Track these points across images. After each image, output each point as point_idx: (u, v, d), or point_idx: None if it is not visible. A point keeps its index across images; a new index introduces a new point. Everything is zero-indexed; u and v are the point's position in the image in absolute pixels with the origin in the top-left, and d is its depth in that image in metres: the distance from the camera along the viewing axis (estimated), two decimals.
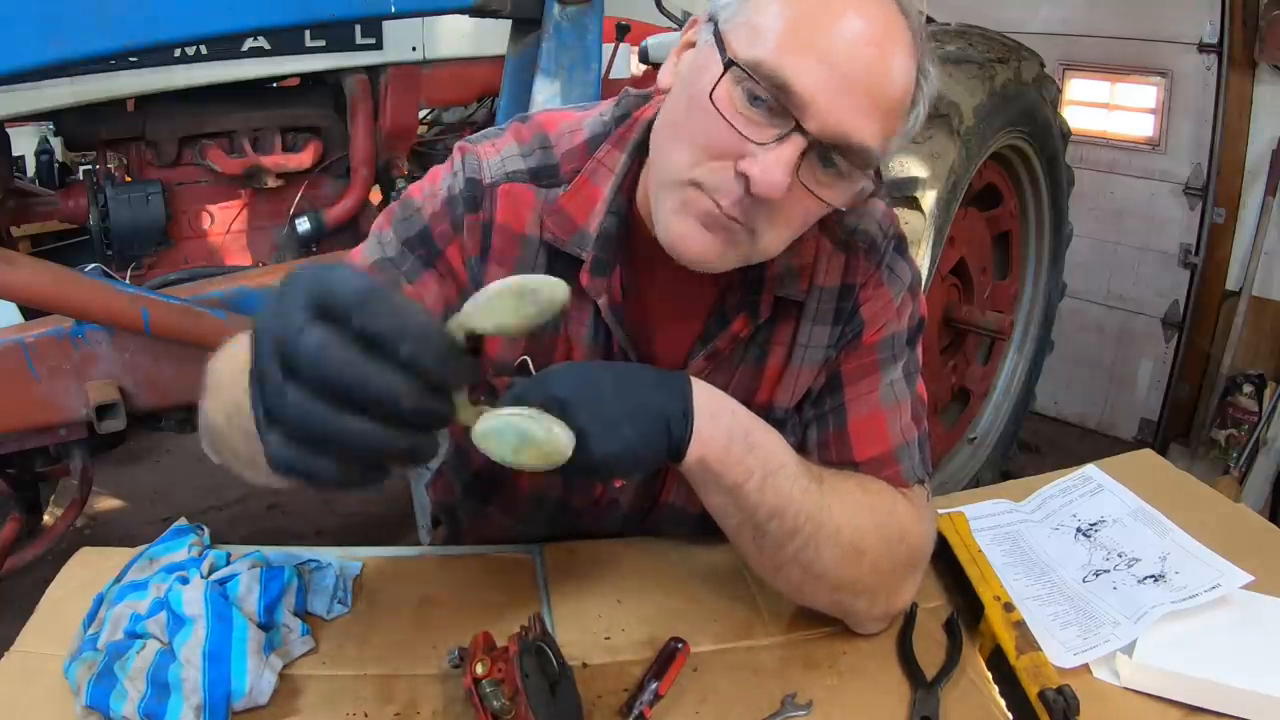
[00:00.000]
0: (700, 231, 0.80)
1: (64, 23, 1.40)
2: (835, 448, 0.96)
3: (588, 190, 0.91)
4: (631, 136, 0.92)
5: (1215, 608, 0.98)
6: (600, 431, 0.74)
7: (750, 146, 0.76)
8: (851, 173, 0.79)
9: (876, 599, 0.92)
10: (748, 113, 0.76)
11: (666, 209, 0.82)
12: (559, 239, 0.91)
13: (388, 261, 0.92)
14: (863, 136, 0.76)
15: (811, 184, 0.78)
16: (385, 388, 0.53)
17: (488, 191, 0.91)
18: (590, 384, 0.76)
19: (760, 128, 0.76)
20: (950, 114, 2.07)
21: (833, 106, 0.74)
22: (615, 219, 0.90)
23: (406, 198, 0.95)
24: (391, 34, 2.11)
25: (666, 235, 0.82)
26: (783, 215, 0.80)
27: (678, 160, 0.80)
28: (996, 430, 2.81)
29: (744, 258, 0.83)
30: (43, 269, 1.58)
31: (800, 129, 0.75)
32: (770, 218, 0.79)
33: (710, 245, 0.80)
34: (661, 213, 0.82)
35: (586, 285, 0.90)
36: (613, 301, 0.91)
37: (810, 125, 0.75)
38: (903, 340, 0.98)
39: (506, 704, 0.74)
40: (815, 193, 0.78)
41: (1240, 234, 3.13)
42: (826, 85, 0.74)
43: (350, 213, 2.15)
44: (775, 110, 0.75)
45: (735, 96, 0.76)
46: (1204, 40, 3.03)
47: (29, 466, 1.82)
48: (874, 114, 0.76)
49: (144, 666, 0.81)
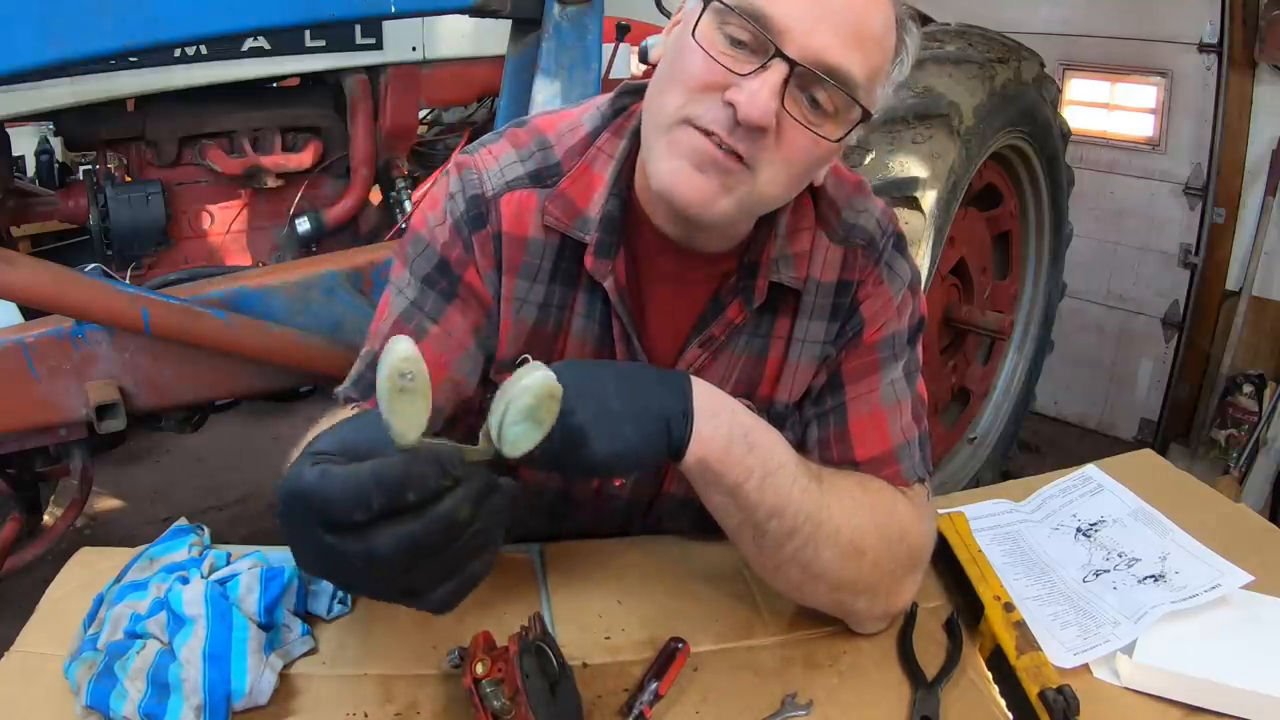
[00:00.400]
0: (692, 172, 0.80)
1: (64, 23, 1.40)
2: (836, 447, 0.96)
3: (589, 176, 0.92)
4: (629, 125, 0.93)
5: (1215, 608, 0.98)
6: (601, 430, 0.74)
7: (735, 78, 0.77)
8: (838, 111, 0.80)
9: (876, 598, 0.92)
10: (731, 52, 0.78)
11: (658, 153, 0.82)
12: (561, 223, 0.91)
13: (412, 309, 0.92)
14: (844, 62, 0.77)
15: (800, 116, 0.79)
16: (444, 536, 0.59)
17: (491, 204, 0.92)
18: (592, 382, 0.77)
19: (743, 61, 0.77)
20: (950, 114, 2.07)
21: (811, 31, 0.76)
22: (617, 201, 0.91)
23: (414, 232, 0.95)
24: (391, 34, 2.11)
25: (659, 181, 0.82)
26: (779, 151, 0.80)
27: (667, 101, 0.81)
28: (996, 430, 2.81)
29: (743, 201, 0.82)
30: (43, 269, 1.58)
31: (781, 55, 0.76)
32: (766, 151, 0.79)
33: (704, 186, 0.80)
34: (654, 160, 0.83)
35: (591, 268, 0.91)
36: (618, 283, 0.91)
37: (790, 50, 0.76)
38: (903, 339, 0.98)
39: (506, 704, 0.74)
40: (805, 125, 0.79)
41: (1240, 234, 3.13)
42: (803, 11, 0.76)
43: (350, 213, 2.15)
44: (756, 46, 0.77)
45: (717, 40, 0.78)
46: (1204, 40, 3.03)
47: (29, 466, 1.82)
48: (852, 42, 0.78)
49: (144, 666, 0.81)
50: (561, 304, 0.95)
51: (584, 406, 0.74)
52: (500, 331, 0.94)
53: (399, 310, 0.93)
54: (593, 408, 0.75)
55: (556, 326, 0.95)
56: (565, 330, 0.95)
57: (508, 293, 0.93)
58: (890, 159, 2.04)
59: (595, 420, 0.74)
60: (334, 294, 1.86)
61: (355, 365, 0.95)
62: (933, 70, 2.13)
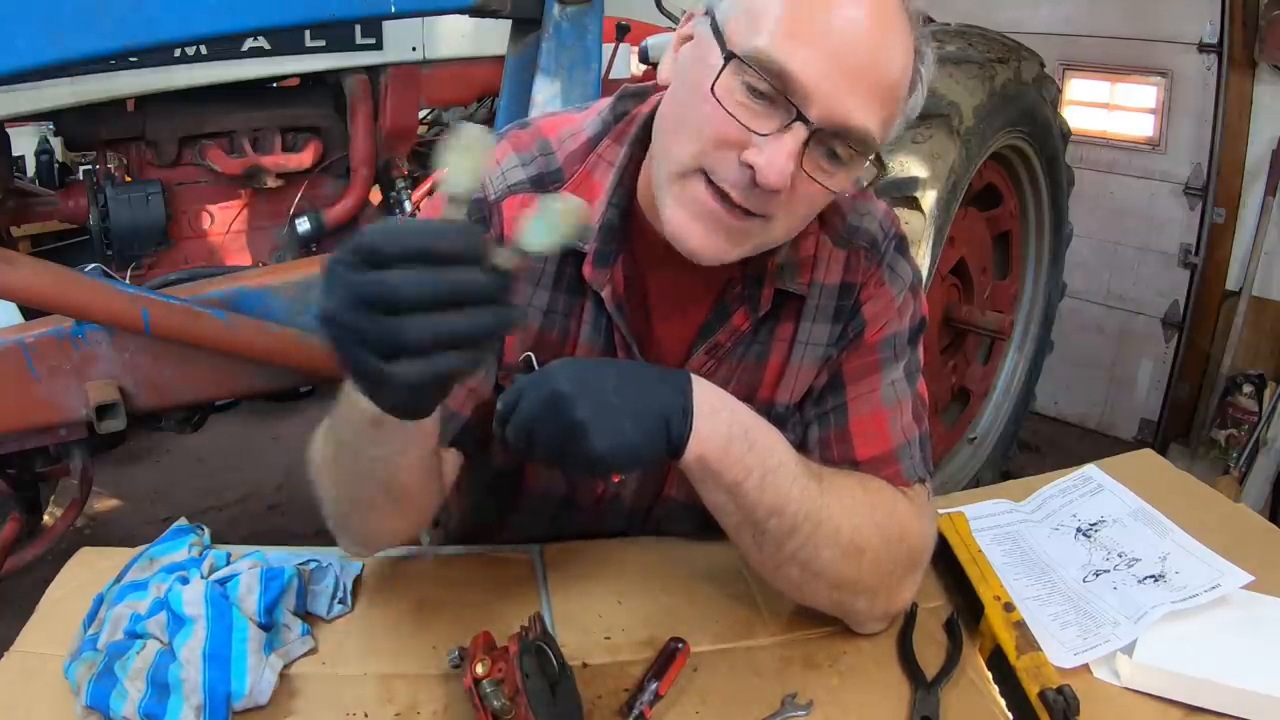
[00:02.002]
0: (703, 230, 0.81)
1: (64, 23, 1.40)
2: (836, 447, 0.96)
3: (589, 184, 0.92)
4: (631, 130, 0.92)
5: (1215, 608, 0.98)
6: (601, 425, 0.75)
7: (754, 137, 0.76)
8: (853, 159, 0.80)
9: (876, 598, 0.92)
10: (750, 104, 0.77)
11: (670, 201, 0.82)
12: None
13: None
14: (863, 122, 0.77)
15: (815, 171, 0.79)
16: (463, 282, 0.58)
17: (494, 208, 0.92)
18: (592, 379, 0.77)
19: (763, 118, 0.76)
20: (950, 114, 2.07)
21: (834, 95, 0.75)
22: (617, 211, 0.91)
23: None
24: (391, 34, 2.11)
25: (670, 228, 0.82)
26: (791, 203, 0.81)
27: (681, 151, 0.80)
28: (996, 430, 2.81)
29: (754, 248, 0.84)
30: (43, 269, 1.58)
31: (802, 118, 0.75)
32: (778, 205, 0.80)
33: (716, 241, 0.81)
34: (665, 206, 0.83)
35: (590, 278, 0.91)
36: (615, 293, 0.91)
37: (812, 114, 0.75)
38: (904, 340, 0.98)
39: (507, 704, 0.75)
40: (819, 180, 0.79)
41: (1240, 234, 3.13)
42: (827, 74, 0.75)
43: (350, 213, 2.15)
44: (776, 100, 0.76)
45: (736, 89, 0.77)
46: (1204, 40, 3.03)
47: (29, 466, 1.82)
48: (873, 99, 0.77)
49: (144, 666, 0.81)
50: (567, 312, 0.94)
51: (584, 402, 0.75)
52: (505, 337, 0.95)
53: None
54: (592, 403, 0.75)
55: (563, 334, 0.95)
56: (573, 339, 0.95)
57: None
58: (890, 159, 2.04)
59: (594, 415, 0.75)
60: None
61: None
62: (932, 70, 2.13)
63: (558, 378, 0.77)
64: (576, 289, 0.94)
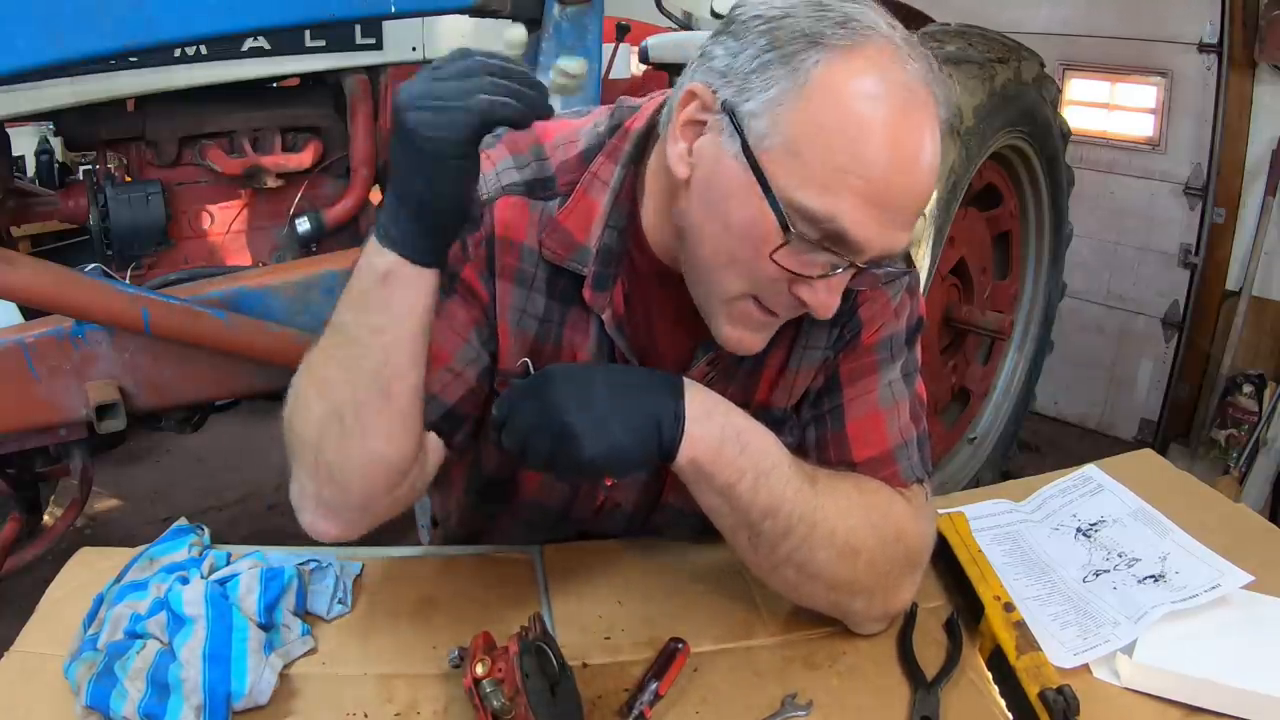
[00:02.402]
0: (754, 335, 0.85)
1: (64, 23, 1.40)
2: (833, 448, 0.96)
3: (585, 205, 0.91)
4: (624, 147, 0.91)
5: (1215, 608, 0.98)
6: (591, 430, 0.76)
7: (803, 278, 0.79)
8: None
9: (874, 599, 0.92)
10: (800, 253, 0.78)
11: (719, 319, 0.85)
12: (558, 256, 0.91)
13: None
14: (902, 246, 0.80)
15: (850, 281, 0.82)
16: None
17: (485, 208, 0.92)
18: (583, 384, 0.78)
19: (814, 264, 0.78)
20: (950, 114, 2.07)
21: (883, 239, 0.77)
22: (614, 233, 0.90)
23: None
24: (391, 34, 2.11)
25: (724, 339, 0.86)
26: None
27: (730, 285, 0.82)
28: (996, 430, 2.81)
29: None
30: (43, 269, 1.58)
31: (853, 264, 0.78)
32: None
33: (761, 341, 0.86)
34: (717, 321, 0.85)
35: (590, 301, 0.91)
36: (615, 315, 0.91)
37: (862, 260, 0.78)
38: (901, 340, 0.98)
39: (506, 704, 0.75)
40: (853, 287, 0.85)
41: (1240, 234, 3.12)
42: (880, 227, 0.76)
43: (350, 213, 2.14)
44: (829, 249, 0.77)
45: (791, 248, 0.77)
46: (1204, 40, 3.02)
47: (29, 466, 1.81)
48: (913, 223, 0.79)
49: (144, 666, 0.81)
50: (562, 321, 0.94)
51: (574, 407, 0.75)
52: (500, 340, 0.94)
53: None
54: (583, 408, 0.76)
55: (557, 343, 0.95)
56: (570, 350, 0.95)
57: (505, 299, 0.93)
58: None
59: (585, 420, 0.76)
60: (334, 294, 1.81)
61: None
62: None
63: (549, 384, 0.78)
64: (569, 299, 0.93)
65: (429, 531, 1.50)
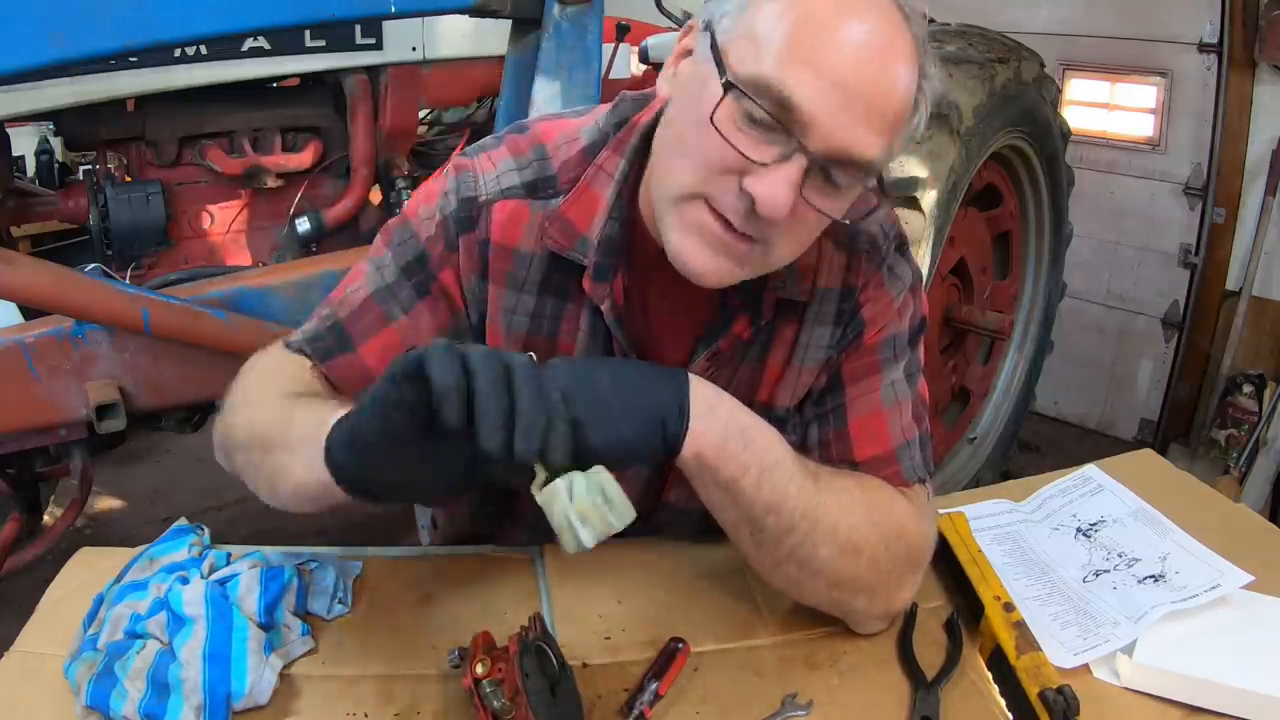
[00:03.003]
0: (705, 252, 0.81)
1: (64, 23, 1.40)
2: (835, 447, 0.96)
3: (589, 196, 0.91)
4: (630, 140, 0.92)
5: (1215, 608, 0.98)
6: (595, 422, 0.75)
7: (753, 165, 0.76)
8: (853, 184, 0.79)
9: (875, 597, 0.92)
10: (749, 131, 0.76)
11: (671, 224, 0.82)
12: (561, 246, 0.91)
13: (385, 290, 0.94)
14: (865, 151, 0.76)
15: (814, 198, 0.78)
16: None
17: (483, 209, 0.92)
18: (587, 376, 0.78)
19: (763, 147, 0.76)
20: (950, 114, 2.07)
21: (835, 125, 0.74)
22: (617, 224, 0.90)
23: (404, 219, 0.96)
24: (391, 34, 2.11)
25: (673, 251, 0.82)
26: (791, 228, 0.80)
27: (680, 175, 0.80)
28: (996, 430, 2.81)
29: (756, 270, 0.84)
30: (43, 269, 1.58)
31: (803, 148, 0.75)
32: (779, 232, 0.80)
33: (718, 264, 0.81)
34: (667, 229, 0.82)
35: (590, 291, 0.91)
36: (615, 306, 0.91)
37: (813, 145, 0.75)
38: (904, 340, 0.98)
39: (507, 704, 0.75)
40: (818, 207, 0.79)
41: (1240, 234, 3.12)
42: (829, 103, 0.73)
43: (350, 213, 2.15)
44: (776, 128, 0.75)
45: (736, 116, 0.76)
46: (1204, 40, 3.03)
47: (29, 466, 1.82)
48: (876, 127, 0.76)
49: (144, 666, 0.81)
50: (555, 314, 0.94)
51: (577, 400, 0.75)
52: (490, 342, 0.95)
53: (374, 288, 0.94)
54: (586, 401, 0.75)
55: (551, 336, 0.95)
56: (566, 343, 0.95)
57: (496, 302, 0.93)
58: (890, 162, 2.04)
59: (589, 411, 0.75)
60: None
61: (313, 322, 0.97)
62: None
63: (553, 376, 0.77)
64: (564, 293, 0.94)
65: (429, 531, 1.50)
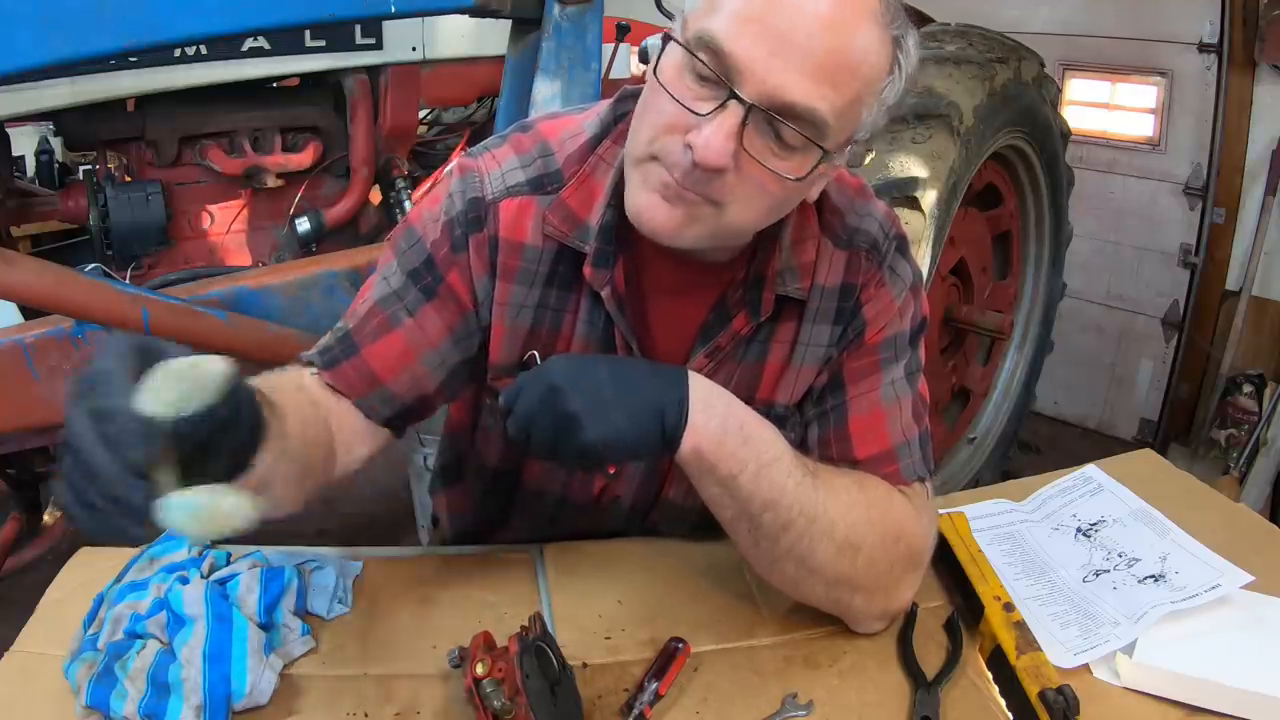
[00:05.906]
0: (660, 203, 0.81)
1: (64, 23, 1.40)
2: (835, 445, 0.96)
3: (590, 185, 0.92)
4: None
5: (1215, 608, 0.98)
6: (593, 415, 0.76)
7: (695, 118, 0.76)
8: (806, 145, 0.78)
9: (874, 596, 0.92)
10: (694, 87, 0.77)
11: (633, 184, 0.83)
12: (560, 232, 0.91)
13: (392, 296, 0.94)
14: (804, 99, 0.75)
15: (761, 154, 0.77)
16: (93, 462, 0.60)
17: (490, 208, 0.92)
18: (587, 371, 0.79)
19: (703, 100, 0.76)
20: (950, 114, 2.07)
21: (768, 70, 0.74)
22: (615, 212, 0.91)
23: (409, 225, 0.96)
24: (391, 34, 2.11)
25: (630, 208, 0.83)
26: (741, 187, 0.79)
27: (638, 139, 0.82)
28: (996, 430, 2.81)
29: (713, 233, 0.83)
30: (43, 269, 1.58)
31: (736, 96, 0.75)
32: (728, 190, 0.79)
33: (670, 216, 0.81)
34: (629, 189, 0.84)
35: (590, 277, 0.91)
36: (615, 293, 0.91)
37: (747, 90, 0.75)
38: (904, 340, 0.98)
39: (507, 704, 0.75)
40: (768, 165, 0.78)
41: (1240, 234, 3.12)
42: (760, 49, 0.74)
43: (350, 213, 2.15)
44: (716, 82, 0.76)
45: (685, 75, 0.77)
46: (1204, 40, 3.02)
47: (29, 466, 1.82)
48: (819, 77, 0.75)
49: (144, 666, 0.81)
50: (559, 306, 0.95)
51: (577, 395, 0.76)
52: (493, 338, 0.95)
53: (379, 295, 0.95)
54: (586, 396, 0.76)
55: (554, 327, 0.95)
56: (567, 333, 0.95)
57: (501, 298, 0.94)
58: (890, 159, 2.04)
59: (588, 408, 0.76)
60: (334, 294, 1.86)
61: (326, 336, 0.97)
62: (933, 70, 2.13)
63: (553, 372, 0.79)
64: (567, 284, 0.94)
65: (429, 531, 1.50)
